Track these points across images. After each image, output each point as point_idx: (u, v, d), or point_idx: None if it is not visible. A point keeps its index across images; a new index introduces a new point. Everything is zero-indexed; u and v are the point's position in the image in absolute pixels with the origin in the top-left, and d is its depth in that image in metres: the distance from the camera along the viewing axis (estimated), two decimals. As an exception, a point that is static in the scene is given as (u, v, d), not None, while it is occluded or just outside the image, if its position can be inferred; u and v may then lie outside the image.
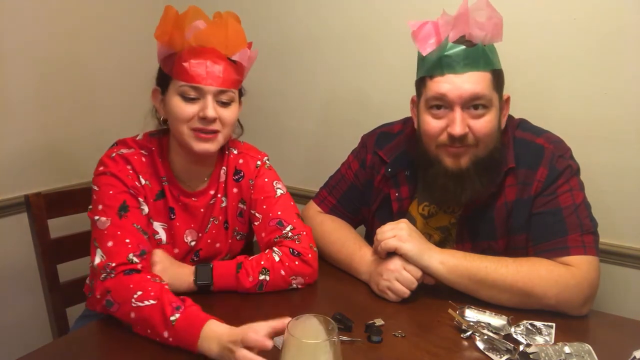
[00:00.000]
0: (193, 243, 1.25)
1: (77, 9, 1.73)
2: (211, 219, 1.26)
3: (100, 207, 1.10)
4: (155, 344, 0.96)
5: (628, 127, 1.37)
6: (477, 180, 1.15)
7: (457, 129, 1.11)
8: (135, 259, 1.05)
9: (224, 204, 1.28)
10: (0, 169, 1.58)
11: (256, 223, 1.26)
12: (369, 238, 1.33)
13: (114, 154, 1.16)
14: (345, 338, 0.98)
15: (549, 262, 1.10)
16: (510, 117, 1.25)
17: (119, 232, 1.07)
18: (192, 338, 0.92)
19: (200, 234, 1.26)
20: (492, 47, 1.15)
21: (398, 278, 1.12)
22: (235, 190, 1.28)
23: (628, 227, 1.41)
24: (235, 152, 1.29)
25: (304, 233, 1.23)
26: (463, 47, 1.11)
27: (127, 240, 1.06)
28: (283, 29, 1.85)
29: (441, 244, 1.28)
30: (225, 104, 1.14)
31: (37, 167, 1.67)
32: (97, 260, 1.05)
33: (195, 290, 1.13)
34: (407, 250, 1.12)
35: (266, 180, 1.28)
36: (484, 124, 1.12)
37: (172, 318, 0.94)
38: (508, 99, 1.20)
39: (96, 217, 1.09)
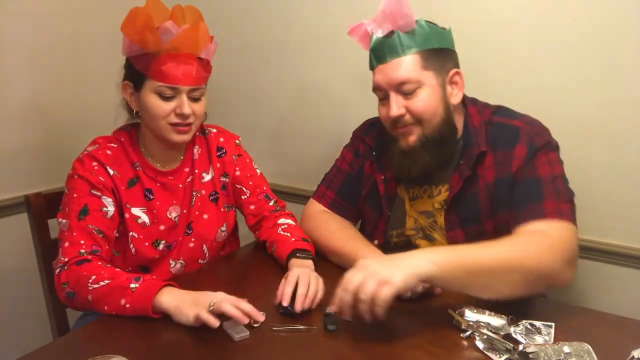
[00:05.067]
0: (177, 218, 1.30)
1: (79, 9, 1.73)
2: (194, 193, 1.33)
3: (66, 209, 1.19)
4: (153, 344, 0.96)
5: (628, 127, 1.37)
6: (425, 155, 1.22)
7: (393, 111, 1.20)
8: (86, 255, 1.13)
9: (205, 179, 1.36)
10: (0, 169, 1.58)
11: (243, 197, 1.40)
12: (363, 229, 1.40)
13: (81, 155, 1.24)
14: (291, 327, 0.99)
15: (525, 233, 1.09)
16: (487, 105, 1.28)
17: (74, 234, 1.15)
18: (150, 296, 1.00)
19: (185, 210, 1.32)
20: (423, 30, 1.19)
21: None
22: (218, 165, 1.38)
23: (627, 226, 1.41)
24: (215, 131, 1.41)
25: (284, 204, 1.45)
26: (382, 37, 1.20)
27: (82, 242, 1.14)
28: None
29: (429, 229, 1.29)
30: (197, 99, 1.23)
31: (37, 167, 1.68)
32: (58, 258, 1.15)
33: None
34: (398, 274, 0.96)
35: (247, 160, 1.43)
36: (418, 102, 1.19)
37: (131, 286, 1.03)
38: (456, 73, 1.23)
39: (59, 220, 1.19)
